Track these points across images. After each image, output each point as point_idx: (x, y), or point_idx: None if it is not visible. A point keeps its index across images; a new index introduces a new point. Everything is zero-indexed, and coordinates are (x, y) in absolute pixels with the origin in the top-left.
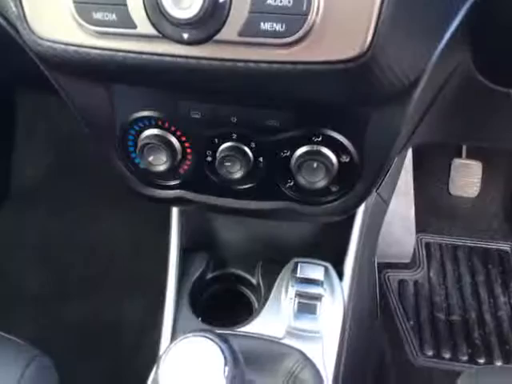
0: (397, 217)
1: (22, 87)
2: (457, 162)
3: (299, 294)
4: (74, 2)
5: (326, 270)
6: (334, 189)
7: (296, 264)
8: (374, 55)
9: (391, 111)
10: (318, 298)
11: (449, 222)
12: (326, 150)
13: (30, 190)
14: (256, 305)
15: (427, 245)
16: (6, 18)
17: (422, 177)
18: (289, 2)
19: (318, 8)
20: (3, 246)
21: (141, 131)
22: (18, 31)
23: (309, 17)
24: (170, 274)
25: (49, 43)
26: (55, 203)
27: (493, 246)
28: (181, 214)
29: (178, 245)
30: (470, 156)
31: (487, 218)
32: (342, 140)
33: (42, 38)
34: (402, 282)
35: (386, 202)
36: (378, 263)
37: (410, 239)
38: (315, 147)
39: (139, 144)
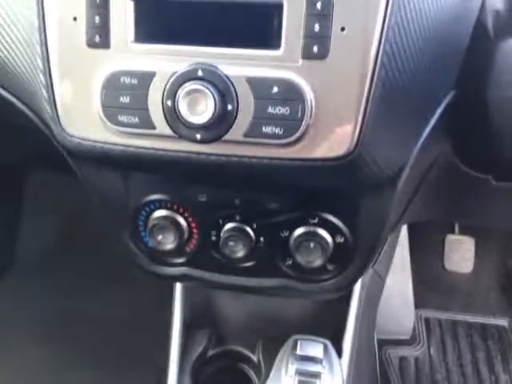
0: (395, 292)
1: (34, 165)
2: (450, 237)
3: (299, 372)
4: (103, 107)
5: (325, 347)
6: (330, 267)
7: (295, 341)
8: (359, 153)
9: (379, 197)
10: (317, 375)
11: (446, 297)
12: (321, 231)
13: (34, 262)
14: (257, 382)
15: (426, 320)
16: (39, 117)
17: (418, 252)
18: (286, 111)
19: (310, 115)
20: (4, 318)
21: (151, 212)
22: (49, 128)
23: (303, 122)
24: (173, 350)
25: (78, 140)
26: (57, 276)
27: (491, 321)
28: (184, 291)
29: (181, 321)
30: (462, 232)
31: (484, 294)
32: (336, 222)
33: (72, 136)
34: (402, 359)
35: (382, 278)
36: (378, 340)
37: (410, 315)
38: (312, 228)
39: (149, 224)
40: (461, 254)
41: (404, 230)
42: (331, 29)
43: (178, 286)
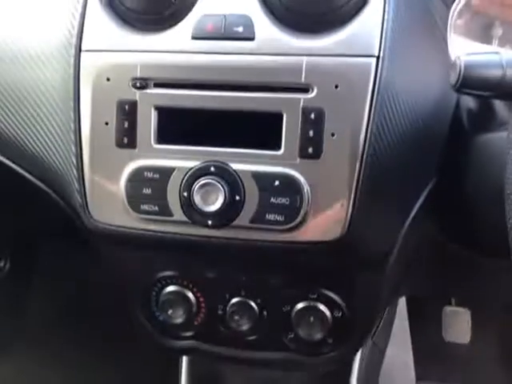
0: (396, 364)
1: (47, 239)
2: (447, 309)
3: None
4: (128, 197)
5: None
6: (329, 340)
7: None
8: (351, 236)
9: (372, 274)
10: None
11: (447, 368)
12: (321, 306)
13: (36, 336)
14: None
15: None
16: (67, 203)
17: (417, 324)
18: (286, 201)
19: (307, 205)
20: None
21: (163, 288)
22: (76, 213)
23: (301, 211)
24: None
25: (103, 225)
26: (58, 351)
27: None
28: (189, 364)
29: None
30: (458, 303)
31: (483, 364)
32: (334, 297)
33: (98, 222)
34: None
35: (381, 350)
36: None
37: None
38: (312, 303)
39: (161, 299)
40: (458, 325)
41: (403, 301)
42: (323, 134)
43: (184, 360)
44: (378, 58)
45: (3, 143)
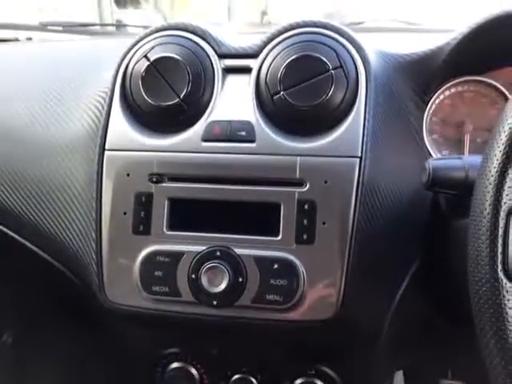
0: None
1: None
2: (443, 382)
3: None
4: (141, 279)
5: None
6: None
7: None
8: (343, 315)
9: (365, 349)
10: None
11: None
12: (318, 382)
13: None
14: None
15: None
16: (83, 282)
17: None
18: (284, 282)
19: (303, 286)
20: None
21: (168, 364)
22: (92, 292)
23: (298, 292)
24: None
25: (117, 305)
26: None
27: None
28: None
29: None
30: (455, 376)
31: None
32: (330, 373)
33: (112, 301)
34: None
35: None
36: None
37: None
38: (310, 379)
39: (166, 376)
40: None
41: (400, 375)
42: (316, 223)
43: None
44: (360, 158)
45: (22, 224)
